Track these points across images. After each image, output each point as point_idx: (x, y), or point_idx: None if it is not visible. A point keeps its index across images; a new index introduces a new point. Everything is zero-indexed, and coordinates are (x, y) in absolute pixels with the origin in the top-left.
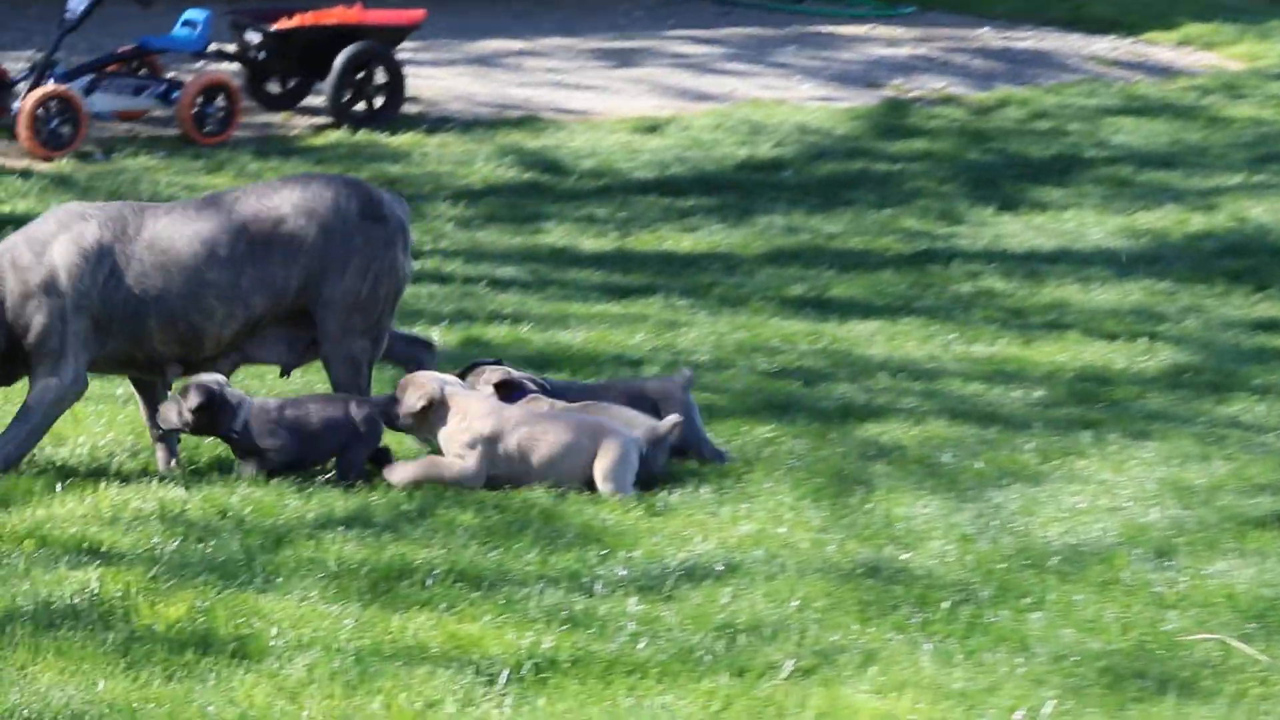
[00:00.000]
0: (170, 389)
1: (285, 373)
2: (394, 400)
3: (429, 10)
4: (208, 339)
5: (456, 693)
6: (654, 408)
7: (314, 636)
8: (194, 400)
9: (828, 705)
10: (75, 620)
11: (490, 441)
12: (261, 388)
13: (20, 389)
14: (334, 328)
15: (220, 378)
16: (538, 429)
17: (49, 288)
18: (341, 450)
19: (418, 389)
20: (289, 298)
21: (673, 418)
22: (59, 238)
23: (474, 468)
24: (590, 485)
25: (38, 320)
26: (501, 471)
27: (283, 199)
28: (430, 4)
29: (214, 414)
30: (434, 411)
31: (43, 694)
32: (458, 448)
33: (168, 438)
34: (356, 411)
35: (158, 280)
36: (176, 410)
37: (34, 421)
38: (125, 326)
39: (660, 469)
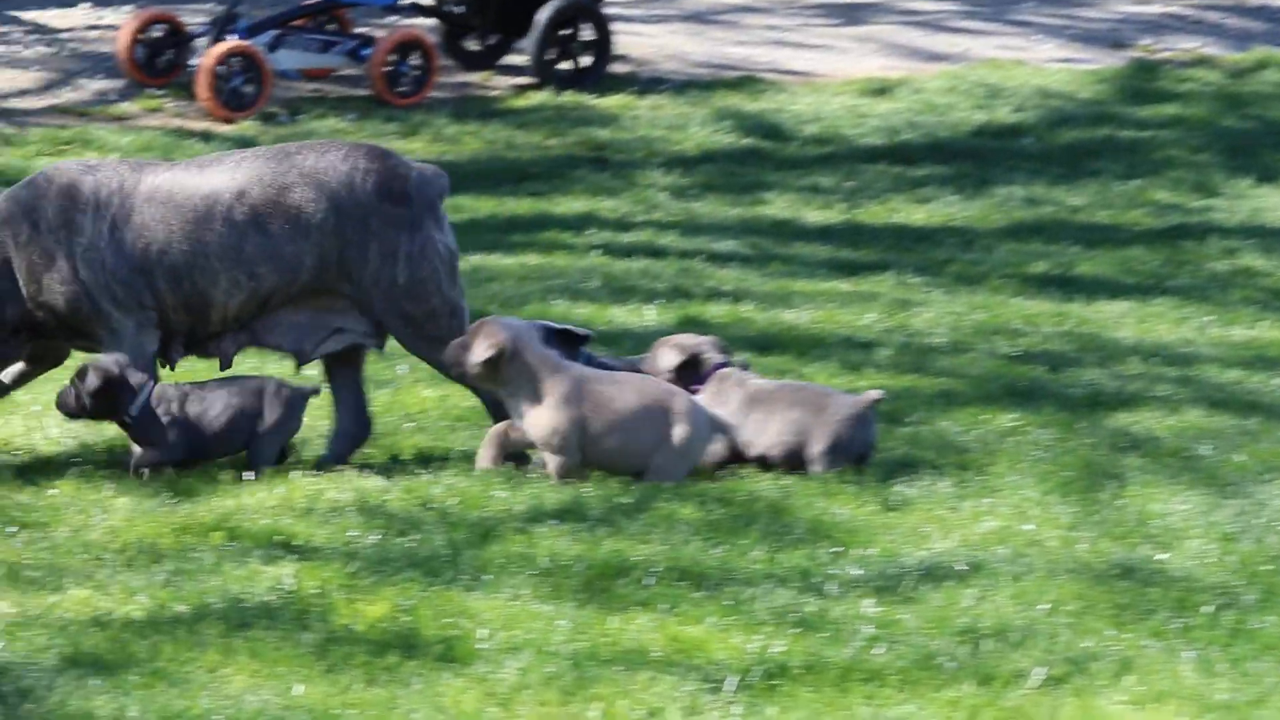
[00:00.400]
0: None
1: (299, 364)
2: (464, 346)
3: None
4: (214, 308)
5: (680, 700)
6: None
7: (526, 639)
8: (92, 383)
9: (1080, 717)
10: (269, 619)
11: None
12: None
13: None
14: (396, 322)
15: (121, 358)
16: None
17: (53, 255)
18: (251, 441)
19: (488, 338)
20: (302, 275)
21: (874, 392)
22: (53, 200)
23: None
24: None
25: (58, 291)
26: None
27: (292, 165)
28: None
29: (114, 398)
30: (506, 364)
31: (235, 698)
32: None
33: None
34: (272, 399)
35: (159, 234)
36: (74, 395)
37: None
38: (135, 287)
39: (865, 448)
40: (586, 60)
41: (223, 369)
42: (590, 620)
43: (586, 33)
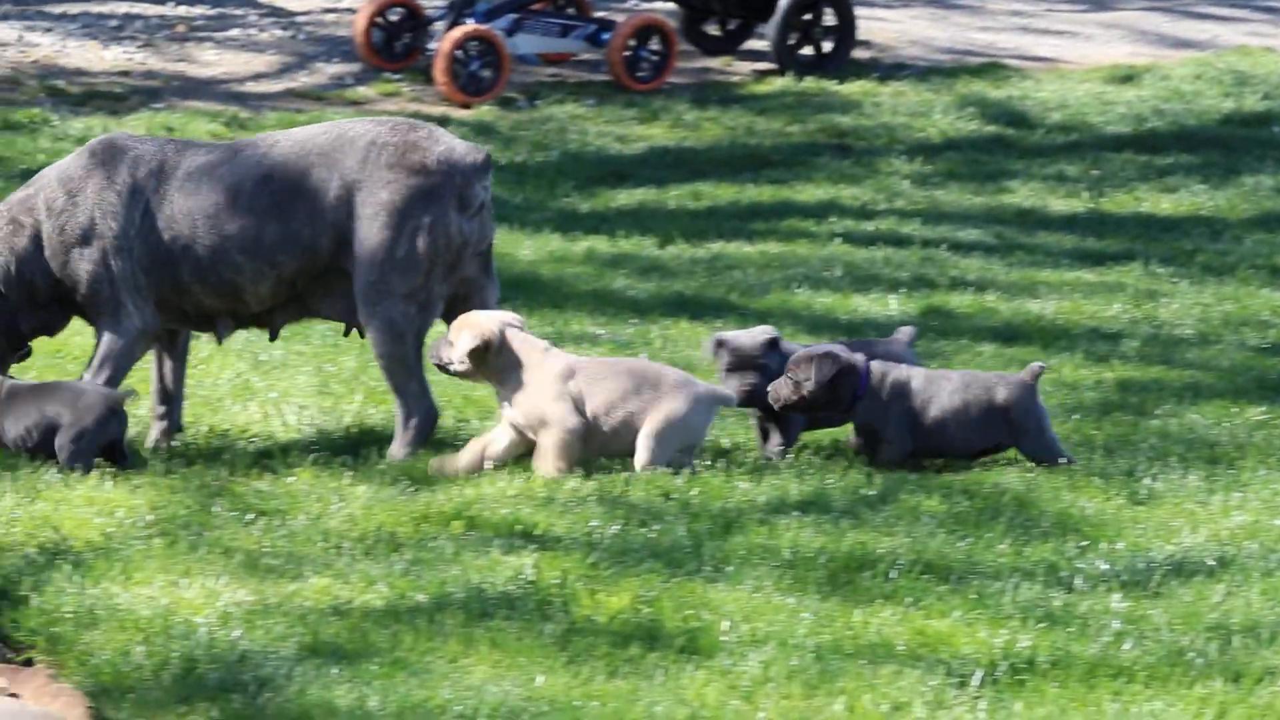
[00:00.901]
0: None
1: (348, 331)
2: (449, 343)
3: None
4: (247, 295)
5: (925, 694)
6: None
7: (769, 631)
8: None
9: None
10: (510, 609)
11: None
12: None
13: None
14: (364, 287)
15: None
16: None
17: (87, 233)
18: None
19: (473, 329)
20: (322, 258)
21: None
22: (93, 176)
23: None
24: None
25: (83, 269)
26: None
27: (315, 146)
28: None
29: None
30: (494, 355)
31: (477, 689)
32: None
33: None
34: (77, 402)
35: (184, 228)
36: None
37: (106, 376)
38: (164, 274)
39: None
40: (828, 45)
41: (271, 340)
42: (834, 613)
43: (829, 18)
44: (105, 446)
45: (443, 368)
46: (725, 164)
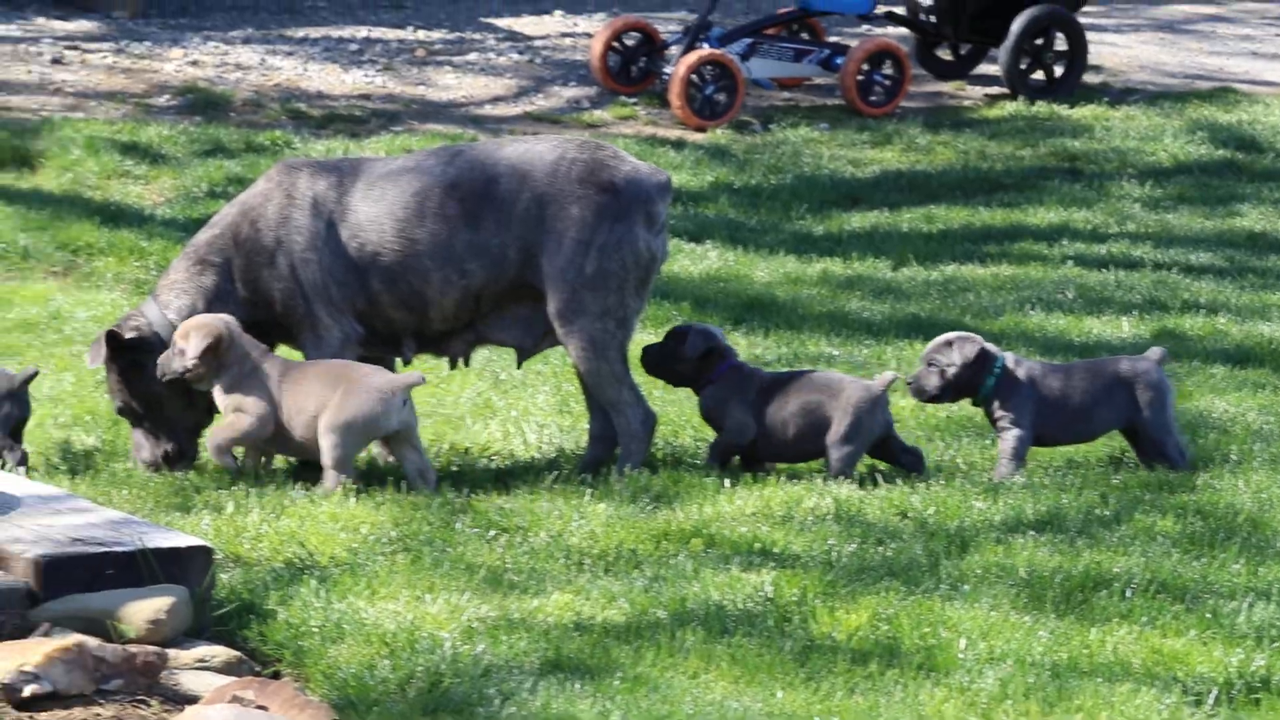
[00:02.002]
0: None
1: (520, 359)
2: (179, 351)
3: None
4: (432, 308)
5: (1162, 713)
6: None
7: (1006, 649)
8: None
9: None
10: (750, 626)
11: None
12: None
13: None
14: (560, 306)
15: None
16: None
17: (274, 254)
18: None
19: (202, 330)
20: (509, 270)
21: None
22: (274, 198)
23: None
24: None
25: (275, 288)
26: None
27: (502, 157)
28: None
29: None
30: (224, 353)
31: (718, 704)
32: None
33: None
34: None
35: (372, 235)
36: None
37: None
38: (355, 284)
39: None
40: (1059, 70)
41: (451, 369)
42: (1070, 632)
43: (1060, 43)
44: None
45: (175, 377)
46: (957, 187)
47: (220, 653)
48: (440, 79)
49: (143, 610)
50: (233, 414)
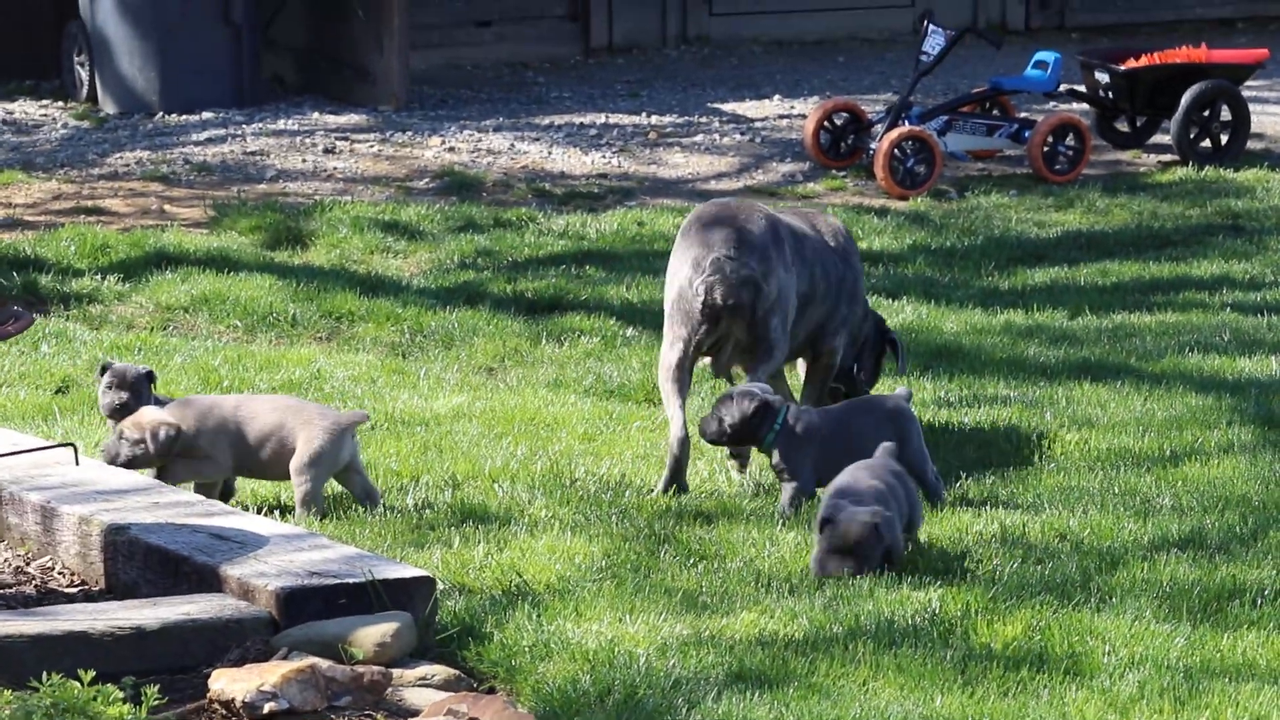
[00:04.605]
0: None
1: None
2: (136, 443)
3: (1271, 49)
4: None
5: None
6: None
7: (1145, 654)
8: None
9: None
10: (915, 638)
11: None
12: None
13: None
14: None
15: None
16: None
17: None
18: None
19: (153, 424)
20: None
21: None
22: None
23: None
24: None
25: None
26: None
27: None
28: (1274, 43)
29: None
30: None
31: (882, 709)
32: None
33: None
34: None
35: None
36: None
37: None
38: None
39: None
40: (1225, 138)
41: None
42: (1204, 638)
43: (1225, 113)
44: None
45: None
46: (1131, 245)
47: (440, 671)
48: (670, 158)
49: (371, 635)
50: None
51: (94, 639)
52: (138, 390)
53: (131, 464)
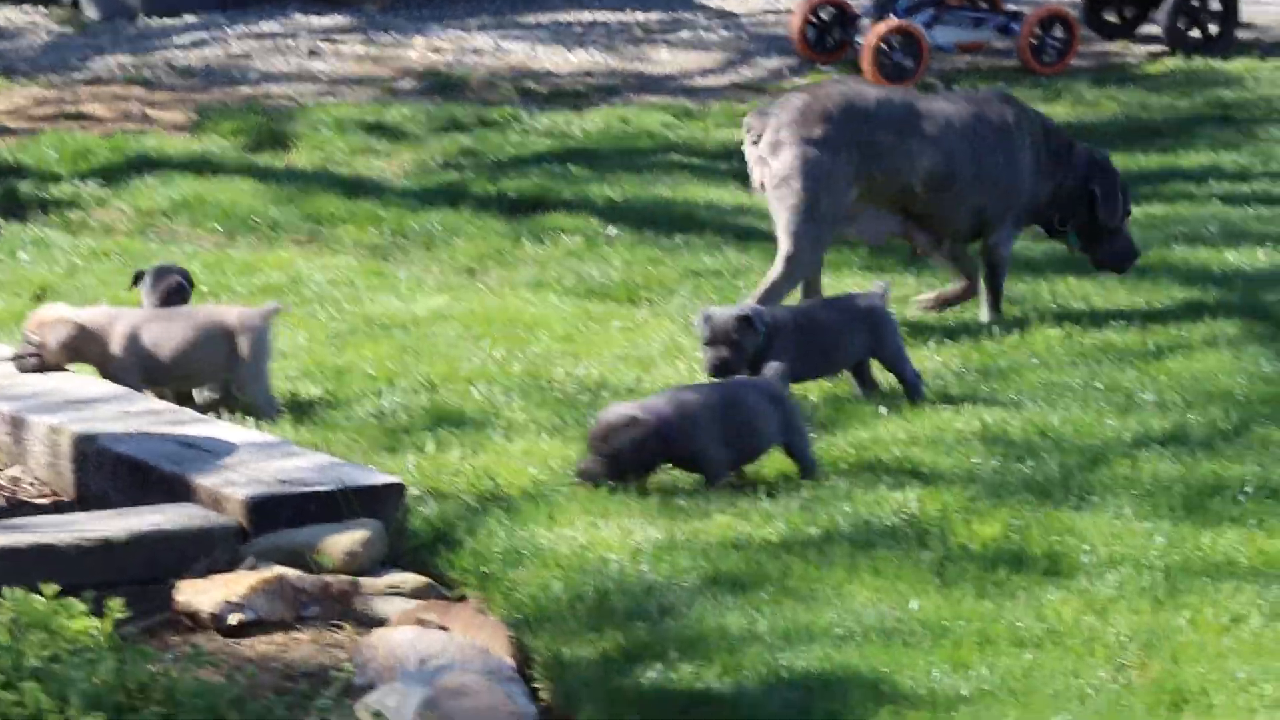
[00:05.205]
0: None
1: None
2: (40, 346)
3: None
4: None
5: (1262, 607)
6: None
7: (1124, 553)
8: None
9: None
10: (892, 540)
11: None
12: None
13: None
14: None
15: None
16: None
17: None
18: None
19: (56, 326)
20: None
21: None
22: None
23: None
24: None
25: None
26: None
27: None
28: None
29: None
30: (80, 340)
31: (857, 611)
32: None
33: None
34: None
35: None
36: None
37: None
38: None
39: None
40: (1214, 28)
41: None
42: (1184, 536)
43: (1214, 3)
44: None
45: (39, 369)
46: (1120, 136)
47: (410, 579)
48: (656, 55)
49: (340, 543)
50: None
51: (61, 550)
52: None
53: (38, 368)
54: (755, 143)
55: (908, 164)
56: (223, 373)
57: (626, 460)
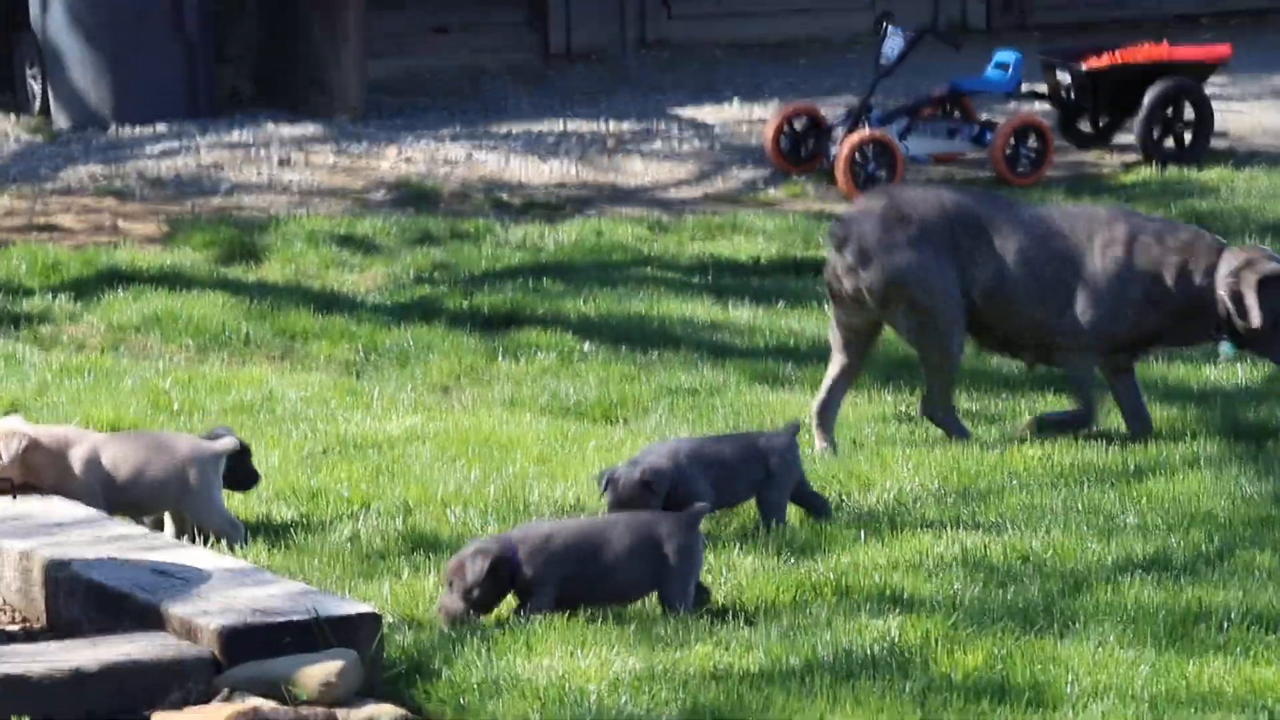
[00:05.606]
0: None
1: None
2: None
3: (1232, 44)
4: None
5: None
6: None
7: (1109, 683)
8: None
9: None
10: (874, 669)
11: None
12: None
13: None
14: None
15: None
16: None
17: None
18: None
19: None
20: None
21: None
22: None
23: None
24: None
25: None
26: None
27: None
28: (1236, 40)
29: None
30: (35, 454)
31: None
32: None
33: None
34: None
35: None
36: None
37: None
38: None
39: None
40: (1189, 137)
41: None
42: (1170, 664)
43: (1188, 112)
44: None
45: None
46: None
47: (388, 711)
48: (629, 166)
49: (316, 674)
50: None
51: (33, 682)
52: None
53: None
54: (839, 250)
55: (969, 271)
56: (173, 503)
57: (482, 592)
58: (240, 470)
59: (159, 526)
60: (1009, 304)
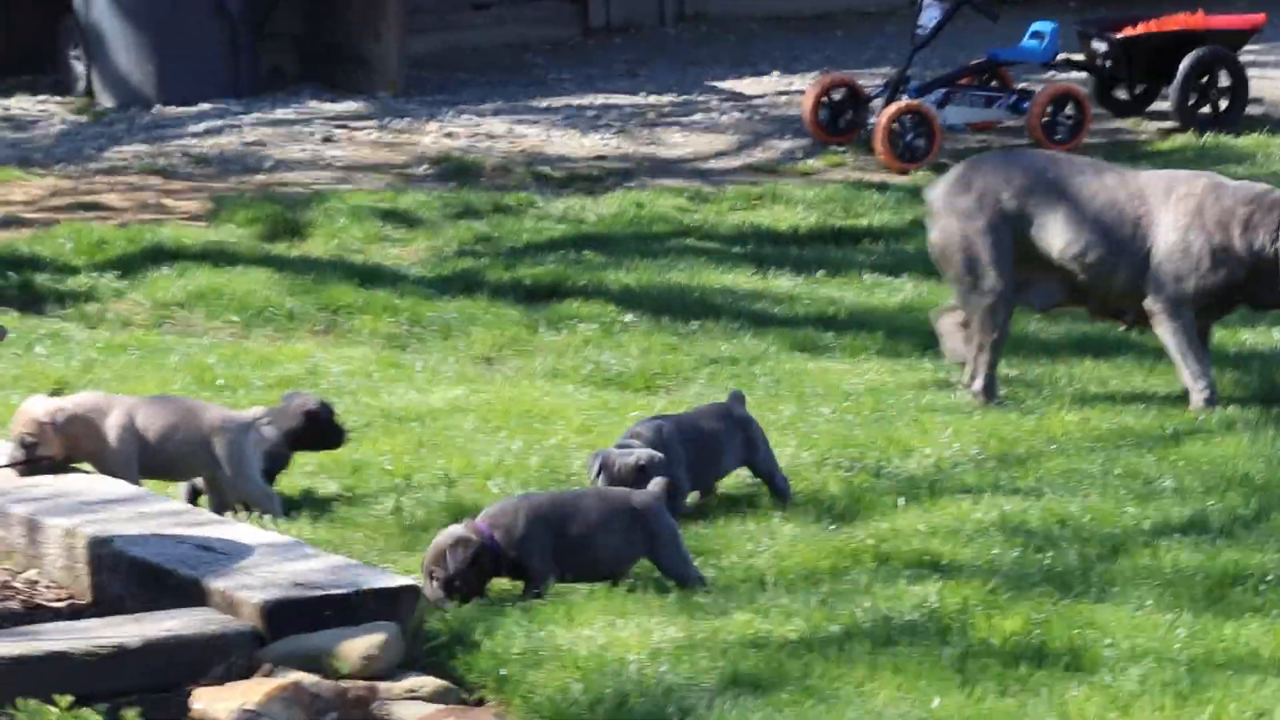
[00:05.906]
0: None
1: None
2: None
3: (1269, 13)
4: None
5: None
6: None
7: (1147, 646)
8: None
9: None
10: (913, 636)
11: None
12: None
13: None
14: None
15: None
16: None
17: None
18: None
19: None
20: None
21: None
22: None
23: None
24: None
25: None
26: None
27: None
28: (1271, 7)
29: None
30: (74, 425)
31: (878, 711)
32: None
33: None
34: None
35: None
36: None
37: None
38: None
39: None
40: (1224, 104)
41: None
42: (1207, 627)
43: (1224, 79)
44: None
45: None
46: None
47: (429, 683)
48: (669, 138)
49: (357, 647)
50: None
51: (76, 659)
52: None
53: (31, 462)
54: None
55: (1044, 237)
56: (204, 470)
57: (466, 581)
58: (325, 430)
59: (194, 500)
60: (1096, 266)
